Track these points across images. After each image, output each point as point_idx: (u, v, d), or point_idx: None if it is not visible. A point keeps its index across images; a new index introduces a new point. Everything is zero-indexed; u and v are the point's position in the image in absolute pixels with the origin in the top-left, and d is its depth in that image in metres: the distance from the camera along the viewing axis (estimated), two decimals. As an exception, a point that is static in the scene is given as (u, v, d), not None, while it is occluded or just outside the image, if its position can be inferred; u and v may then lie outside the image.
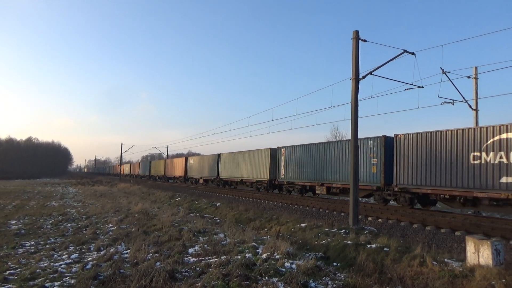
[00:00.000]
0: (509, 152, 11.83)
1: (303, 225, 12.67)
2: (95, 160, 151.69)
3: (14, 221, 14.22)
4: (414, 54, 12.77)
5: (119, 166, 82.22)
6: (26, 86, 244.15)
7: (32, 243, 10.18)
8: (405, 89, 13.45)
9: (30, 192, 32.42)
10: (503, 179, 11.85)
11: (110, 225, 12.99)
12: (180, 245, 8.94)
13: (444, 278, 6.26)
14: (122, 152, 72.17)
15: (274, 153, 27.34)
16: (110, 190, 35.69)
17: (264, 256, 7.40)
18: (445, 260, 7.14)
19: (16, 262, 7.92)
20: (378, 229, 12.16)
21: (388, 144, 16.76)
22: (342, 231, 10.80)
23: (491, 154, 12.23)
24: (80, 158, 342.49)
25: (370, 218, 14.53)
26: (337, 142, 20.69)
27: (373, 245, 8.66)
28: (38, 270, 7.11)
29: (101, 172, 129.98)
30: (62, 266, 7.56)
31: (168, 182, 52.87)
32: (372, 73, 12.75)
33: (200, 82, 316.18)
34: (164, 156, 72.31)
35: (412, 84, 13.09)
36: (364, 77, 12.78)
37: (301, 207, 18.93)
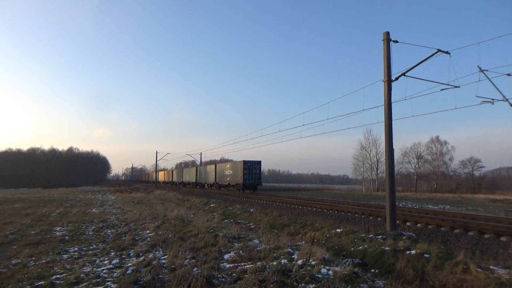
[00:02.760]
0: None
1: (338, 230, 12.47)
2: (132, 168, 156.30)
3: (59, 228, 14.89)
4: (449, 53, 12.34)
5: (154, 174, 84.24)
6: (67, 102, 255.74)
7: (76, 249, 10.61)
8: (441, 90, 12.99)
9: (72, 200, 33.87)
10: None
11: (147, 231, 13.33)
12: (216, 251, 9.04)
13: (490, 286, 5.97)
14: (157, 159, 74.01)
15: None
16: (147, 197, 36.66)
17: (299, 262, 7.34)
18: (490, 267, 6.81)
19: (62, 267, 8.28)
20: (417, 235, 11.76)
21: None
22: (379, 236, 10.54)
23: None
24: (117, 167, 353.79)
25: (408, 223, 14.10)
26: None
27: (413, 251, 8.39)
28: (82, 275, 7.41)
29: (137, 180, 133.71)
30: (104, 271, 7.83)
31: (194, 188, 54.50)
32: (405, 74, 12.43)
33: (233, 89, 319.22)
34: (198, 163, 73.42)
35: (448, 84, 12.62)
36: (396, 78, 12.49)
37: (335, 212, 18.66)
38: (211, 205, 25.56)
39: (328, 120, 16.99)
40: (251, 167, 41.78)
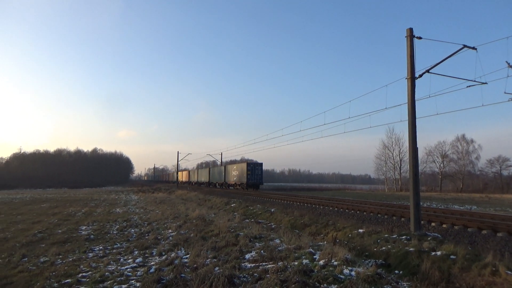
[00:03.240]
0: None
1: (361, 231, 12.30)
2: (154, 168, 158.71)
3: (84, 227, 15.27)
4: (475, 49, 11.97)
5: (176, 174, 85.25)
6: (89, 104, 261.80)
7: (101, 247, 10.86)
8: (467, 86, 12.62)
9: (97, 200, 34.68)
10: None
11: (170, 230, 13.50)
12: (237, 250, 9.07)
13: (521, 289, 5.76)
14: (179, 160, 74.88)
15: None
16: (169, 197, 37.17)
17: (321, 262, 7.28)
18: (521, 269, 6.57)
19: (87, 265, 8.49)
20: (443, 236, 11.47)
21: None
22: (403, 237, 10.33)
23: None
24: (140, 167, 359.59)
25: (433, 224, 13.77)
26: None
27: (438, 253, 8.19)
28: (107, 273, 7.57)
29: (159, 180, 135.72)
30: (128, 269, 7.98)
31: (216, 188, 55.24)
32: (429, 71, 12.14)
33: (254, 89, 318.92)
34: (218, 163, 74.06)
35: (474, 81, 12.25)
36: (420, 75, 12.22)
37: (357, 212, 18.42)
38: (232, 205, 25.67)
39: (349, 119, 16.81)
40: (254, 169, 46.77)
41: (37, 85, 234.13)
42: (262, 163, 47.55)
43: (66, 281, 7.18)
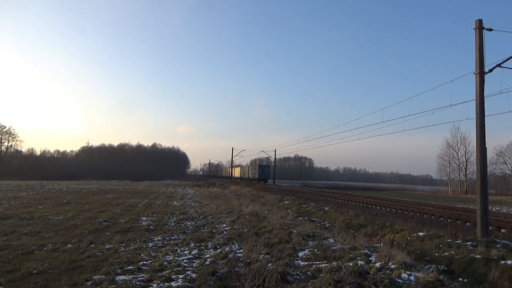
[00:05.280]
0: None
1: (421, 234, 11.76)
2: (209, 163, 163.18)
3: (144, 218, 16.15)
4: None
5: (230, 169, 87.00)
6: (153, 102, 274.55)
7: (159, 238, 11.43)
8: (545, 81, 11.51)
9: (156, 193, 36.45)
10: None
11: (224, 225, 13.85)
12: (290, 248, 9.07)
13: None
14: (233, 156, 76.34)
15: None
16: (223, 192, 38.06)
17: (377, 265, 7.07)
18: None
19: (147, 254, 8.99)
20: (514, 243, 10.60)
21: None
22: (469, 243, 9.71)
23: None
24: (196, 162, 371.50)
25: (503, 230, 12.77)
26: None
27: (508, 262, 7.60)
28: (165, 263, 7.95)
29: (214, 175, 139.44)
30: (185, 260, 8.32)
31: (264, 185, 55.62)
32: (501, 65, 11.22)
33: (311, 84, 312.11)
34: (272, 159, 75.09)
35: (555, 75, 11.13)
36: (490, 70, 11.34)
37: (417, 214, 17.60)
38: (285, 202, 25.70)
39: (410, 116, 16.09)
40: (263, 168, 71.29)
41: (105, 85, 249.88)
42: (269, 165, 77.27)
43: (128, 268, 7.65)
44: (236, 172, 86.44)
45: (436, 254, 9.22)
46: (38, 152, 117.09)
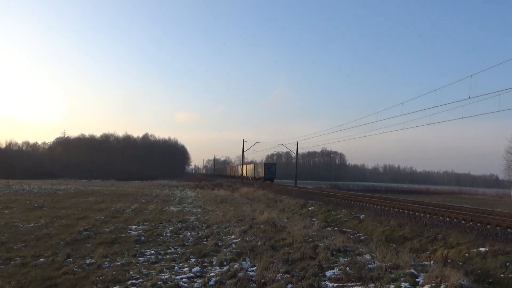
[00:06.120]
0: None
1: (482, 249, 11.67)
2: (214, 159, 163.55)
3: (134, 227, 16.39)
4: None
5: (241, 167, 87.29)
6: (147, 80, 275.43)
7: (152, 251, 11.59)
8: None
9: (148, 195, 36.92)
10: None
11: (232, 236, 13.96)
12: (316, 265, 9.10)
13: None
14: (244, 150, 76.55)
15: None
16: (232, 195, 38.30)
17: (426, 287, 7.05)
18: None
19: (138, 271, 9.13)
20: None
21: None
22: (544, 262, 9.59)
23: None
24: (197, 158, 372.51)
25: None
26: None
27: None
28: (159, 282, 8.06)
29: (220, 174, 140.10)
30: (184, 280, 8.42)
31: (287, 186, 55.12)
32: None
33: (343, 62, 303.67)
34: (293, 154, 75.06)
35: None
36: None
37: (478, 224, 17.43)
38: (310, 208, 25.77)
39: (470, 99, 15.81)
40: (270, 167, 79.44)
41: (87, 61, 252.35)
42: (275, 163, 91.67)
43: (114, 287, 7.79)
44: (245, 171, 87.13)
45: (502, 275, 9.14)
46: (2, 144, 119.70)
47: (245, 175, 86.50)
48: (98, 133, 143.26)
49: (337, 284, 7.74)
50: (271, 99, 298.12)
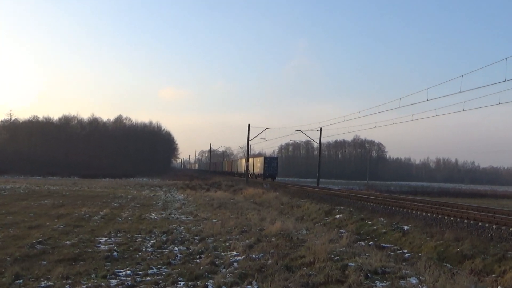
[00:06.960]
0: None
1: None
2: (210, 151, 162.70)
3: (104, 239, 16.45)
4: None
5: (245, 161, 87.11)
6: (121, 43, 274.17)
7: (129, 272, 11.57)
8: None
9: (122, 198, 37.09)
10: None
11: (234, 252, 14.00)
12: (345, 291, 9.13)
13: None
14: (249, 138, 75.81)
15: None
16: (233, 198, 38.35)
17: (492, 322, 7.07)
18: None
19: (109, 298, 9.19)
20: None
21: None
22: None
23: None
24: (187, 149, 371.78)
25: None
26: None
27: None
28: (137, 313, 8.13)
29: (217, 170, 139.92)
30: (170, 309, 8.47)
31: (302, 188, 55.13)
32: None
33: (382, 24, 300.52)
34: (315, 144, 74.85)
35: None
36: None
37: None
38: (337, 216, 25.76)
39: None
40: (270, 162, 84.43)
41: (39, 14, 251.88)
42: (277, 157, 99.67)
43: (78, 319, 7.85)
44: (242, 166, 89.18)
45: None
46: None
47: (239, 171, 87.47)
48: (55, 116, 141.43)
49: (373, 316, 7.76)
50: (287, 71, 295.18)
